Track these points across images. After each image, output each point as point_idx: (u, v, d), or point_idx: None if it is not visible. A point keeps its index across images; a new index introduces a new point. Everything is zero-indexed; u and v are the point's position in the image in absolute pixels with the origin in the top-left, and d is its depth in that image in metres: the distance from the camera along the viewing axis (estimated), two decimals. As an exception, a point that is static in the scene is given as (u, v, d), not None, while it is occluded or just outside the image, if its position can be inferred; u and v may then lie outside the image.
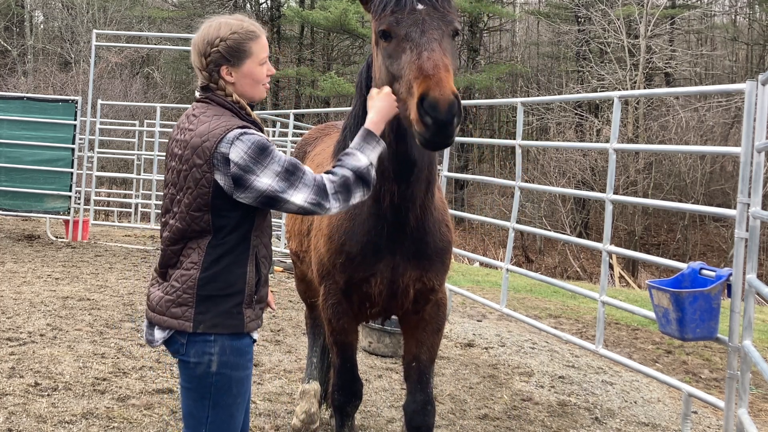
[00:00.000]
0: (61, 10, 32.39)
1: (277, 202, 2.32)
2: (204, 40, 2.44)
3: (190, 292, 2.36)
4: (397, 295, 3.23)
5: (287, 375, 5.42)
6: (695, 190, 23.10)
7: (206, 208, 2.33)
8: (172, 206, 2.43)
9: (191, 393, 2.43)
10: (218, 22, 2.48)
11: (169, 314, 2.38)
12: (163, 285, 2.44)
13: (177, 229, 2.39)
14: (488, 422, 4.81)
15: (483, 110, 33.69)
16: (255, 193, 2.29)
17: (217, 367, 2.37)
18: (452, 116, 2.37)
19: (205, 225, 2.36)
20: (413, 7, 2.65)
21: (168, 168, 2.47)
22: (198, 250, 2.37)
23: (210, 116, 2.38)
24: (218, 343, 2.37)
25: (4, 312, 6.57)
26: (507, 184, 7.63)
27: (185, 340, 2.39)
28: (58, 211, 11.73)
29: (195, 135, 2.35)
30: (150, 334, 2.48)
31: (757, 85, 4.10)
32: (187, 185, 2.35)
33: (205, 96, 2.45)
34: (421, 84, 2.44)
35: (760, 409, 5.64)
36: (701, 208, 7.62)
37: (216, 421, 2.40)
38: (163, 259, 2.46)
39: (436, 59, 2.49)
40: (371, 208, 3.13)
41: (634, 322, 8.38)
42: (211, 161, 2.29)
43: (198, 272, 2.36)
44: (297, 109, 28.26)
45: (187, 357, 2.39)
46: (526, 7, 36.24)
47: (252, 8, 35.22)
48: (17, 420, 4.13)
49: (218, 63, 2.42)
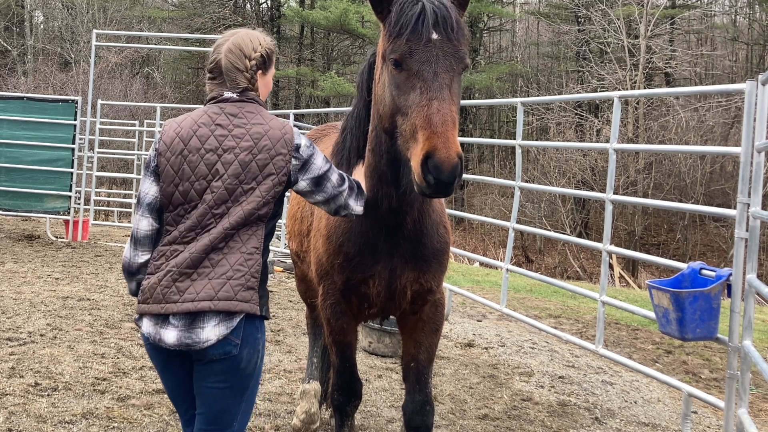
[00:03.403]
0: (61, 10, 32.38)
1: (324, 180, 2.65)
2: (248, 45, 2.64)
3: (257, 276, 2.48)
4: (395, 297, 3.24)
5: (287, 375, 5.42)
6: (695, 190, 23.10)
7: (278, 195, 2.55)
8: (237, 195, 2.48)
9: (231, 390, 2.46)
10: (252, 33, 2.71)
11: (240, 298, 2.41)
12: (211, 272, 2.43)
13: (246, 212, 2.48)
14: (488, 422, 4.81)
15: (483, 110, 33.71)
16: (313, 173, 2.62)
17: (260, 360, 2.51)
18: (454, 178, 2.45)
19: (269, 211, 2.54)
20: (429, 37, 2.65)
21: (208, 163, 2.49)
22: (255, 237, 2.51)
23: (266, 115, 2.62)
24: (262, 333, 2.52)
25: (4, 312, 6.57)
26: (507, 184, 7.63)
27: (240, 339, 2.41)
28: (58, 211, 11.74)
29: (268, 127, 2.55)
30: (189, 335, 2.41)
31: (757, 85, 4.10)
32: (266, 173, 2.51)
33: (249, 96, 2.62)
34: (427, 140, 2.48)
35: (760, 409, 5.64)
36: (701, 208, 7.60)
37: (246, 413, 2.54)
38: (208, 244, 2.45)
39: (445, 113, 2.52)
40: (369, 210, 3.14)
41: (634, 322, 8.39)
42: (292, 150, 2.56)
43: (260, 257, 2.51)
44: (297, 109, 28.31)
45: (240, 356, 2.42)
46: (526, 7, 36.24)
47: (252, 8, 35.25)
48: (17, 420, 4.13)
49: (258, 67, 2.65)
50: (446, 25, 2.69)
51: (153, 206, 2.60)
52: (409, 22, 2.68)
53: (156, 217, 2.60)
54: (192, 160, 2.50)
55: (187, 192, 2.50)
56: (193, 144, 2.52)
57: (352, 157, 3.30)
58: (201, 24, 31.65)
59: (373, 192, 3.09)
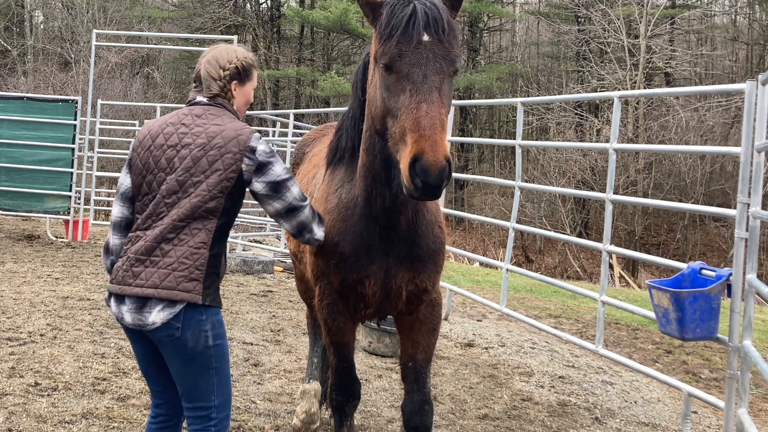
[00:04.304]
0: (61, 10, 32.36)
1: (283, 188, 2.83)
2: (224, 57, 2.92)
3: (201, 269, 2.69)
4: (390, 297, 3.24)
5: (287, 375, 5.42)
6: (695, 190, 23.09)
7: (227, 191, 2.73)
8: (187, 187, 2.72)
9: (193, 368, 2.71)
10: (232, 47, 2.98)
11: (182, 288, 2.65)
12: (160, 261, 2.68)
13: (192, 205, 2.70)
14: (488, 422, 4.81)
15: (483, 110, 33.70)
16: (270, 178, 2.80)
17: (212, 339, 2.71)
18: (442, 181, 2.48)
19: (218, 205, 2.73)
20: (419, 39, 2.66)
21: (168, 157, 2.77)
22: (205, 232, 2.72)
23: (228, 118, 2.85)
24: (209, 318, 2.71)
25: (4, 312, 6.57)
26: (507, 184, 7.63)
27: (181, 323, 2.65)
28: (58, 211, 11.74)
29: (223, 128, 2.77)
30: (139, 317, 2.68)
31: (757, 85, 4.10)
32: (214, 168, 2.72)
33: (217, 102, 2.90)
34: (415, 143, 2.50)
35: (760, 409, 5.64)
36: (701, 208, 7.62)
37: (222, 386, 2.76)
38: (158, 233, 2.71)
39: (433, 116, 2.54)
40: (363, 210, 3.15)
41: (634, 322, 8.39)
42: (244, 151, 2.74)
43: (207, 251, 2.71)
44: (297, 109, 28.29)
45: (184, 338, 2.65)
46: (526, 7, 36.22)
47: (252, 8, 35.21)
48: (17, 420, 4.13)
49: (233, 77, 2.91)
50: (437, 26, 2.68)
51: (126, 195, 2.91)
52: (400, 24, 2.68)
53: (128, 206, 2.91)
54: (156, 155, 2.79)
55: (150, 183, 2.78)
56: (159, 141, 2.81)
57: (347, 156, 3.31)
58: (201, 24, 31.63)
59: (367, 192, 3.10)
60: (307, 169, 4.19)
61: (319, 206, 3.38)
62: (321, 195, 3.44)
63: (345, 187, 3.28)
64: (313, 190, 3.70)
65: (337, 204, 3.27)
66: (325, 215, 3.27)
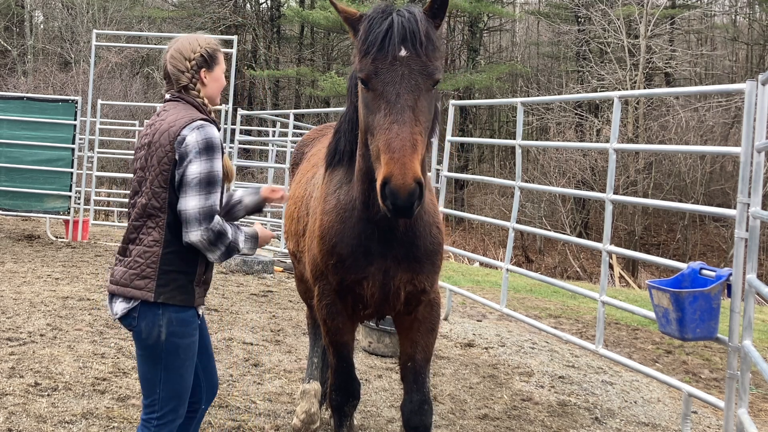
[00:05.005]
0: (61, 10, 32.36)
1: (184, 191, 2.69)
2: (186, 48, 2.89)
3: (153, 266, 2.74)
4: (388, 298, 3.25)
5: (287, 375, 5.42)
6: (695, 190, 23.08)
7: (166, 185, 2.72)
8: (141, 186, 2.80)
9: (146, 359, 2.82)
10: (192, 36, 2.96)
11: (134, 286, 2.74)
12: (125, 261, 2.79)
13: (141, 205, 2.77)
14: (488, 422, 4.81)
15: (483, 110, 33.69)
16: (182, 170, 2.69)
17: (165, 336, 2.76)
18: (411, 203, 2.50)
19: (162, 202, 2.73)
20: (395, 54, 2.66)
21: (137, 158, 2.87)
22: (158, 229, 2.75)
23: (179, 110, 2.82)
24: (166, 315, 2.75)
25: (4, 312, 6.57)
26: (507, 184, 7.63)
27: (137, 314, 2.75)
28: (58, 211, 11.73)
29: (164, 123, 2.78)
30: (112, 307, 2.85)
31: (757, 85, 4.11)
32: (151, 164, 2.75)
33: (177, 96, 2.89)
34: (386, 165, 2.53)
35: (760, 409, 5.64)
36: (701, 208, 7.64)
37: (168, 381, 2.80)
38: (125, 235, 2.83)
39: (404, 137, 2.54)
40: (361, 212, 3.15)
41: (634, 322, 8.39)
42: (174, 142, 2.71)
43: (160, 249, 2.74)
44: (297, 109, 28.28)
45: (139, 329, 2.76)
46: (526, 7, 36.21)
47: (252, 8, 35.23)
48: (17, 420, 4.13)
49: (200, 66, 2.88)
50: (414, 40, 2.67)
51: None
52: (376, 40, 2.68)
53: None
54: (137, 158, 2.89)
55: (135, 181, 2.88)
56: (138, 143, 2.90)
57: (345, 159, 3.32)
58: (201, 24, 31.61)
59: (364, 195, 3.10)
60: (306, 169, 4.20)
61: (317, 206, 3.38)
62: (320, 195, 3.45)
63: (343, 188, 3.28)
64: (312, 190, 3.71)
65: (335, 205, 3.28)
66: (323, 215, 3.27)
